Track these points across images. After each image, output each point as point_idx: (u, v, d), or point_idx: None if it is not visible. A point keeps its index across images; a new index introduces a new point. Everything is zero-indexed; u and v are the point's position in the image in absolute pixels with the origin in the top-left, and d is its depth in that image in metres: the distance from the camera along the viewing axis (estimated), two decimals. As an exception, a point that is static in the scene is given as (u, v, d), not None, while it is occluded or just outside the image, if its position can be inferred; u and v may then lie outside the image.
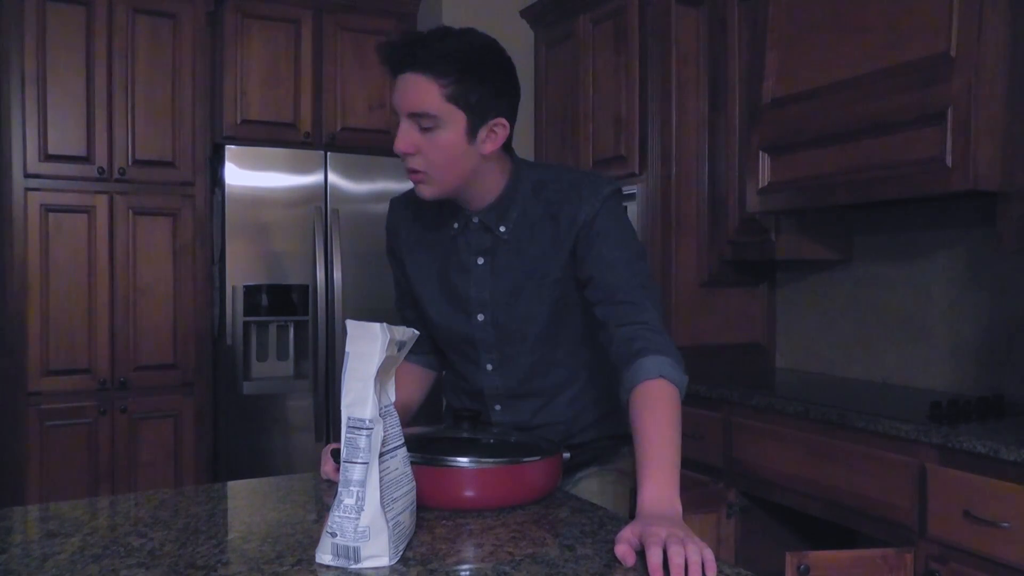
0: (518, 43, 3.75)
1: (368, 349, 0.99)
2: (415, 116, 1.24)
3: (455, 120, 1.24)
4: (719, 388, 2.63)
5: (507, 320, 1.38)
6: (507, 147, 1.35)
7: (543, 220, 1.35)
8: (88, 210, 3.20)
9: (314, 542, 1.04)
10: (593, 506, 1.26)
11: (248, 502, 1.33)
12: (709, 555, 0.96)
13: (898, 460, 2.04)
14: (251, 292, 3.36)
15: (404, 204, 1.49)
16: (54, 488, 3.11)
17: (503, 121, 1.29)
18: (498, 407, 1.46)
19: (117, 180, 3.24)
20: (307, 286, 3.45)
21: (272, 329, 3.45)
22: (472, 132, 1.26)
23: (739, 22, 2.87)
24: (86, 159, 3.20)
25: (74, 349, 3.17)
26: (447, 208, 1.38)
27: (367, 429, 0.98)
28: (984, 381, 2.46)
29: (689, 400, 2.85)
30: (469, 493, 1.20)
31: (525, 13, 3.72)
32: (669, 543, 0.95)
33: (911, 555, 1.95)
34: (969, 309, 2.51)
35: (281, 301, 3.41)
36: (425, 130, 1.24)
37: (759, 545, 2.54)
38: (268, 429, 3.40)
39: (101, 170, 3.21)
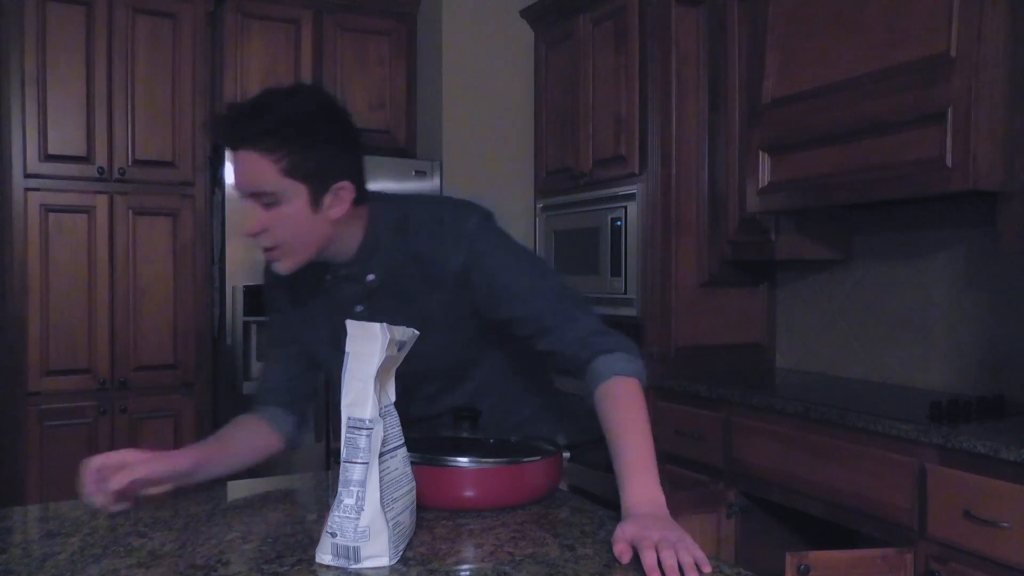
0: (518, 43, 3.76)
1: (368, 349, 0.99)
2: (254, 195, 1.19)
3: (296, 192, 1.19)
4: (719, 388, 2.63)
5: (409, 357, 1.33)
6: (359, 199, 1.28)
7: (410, 263, 1.30)
8: (88, 210, 3.20)
9: (314, 542, 1.04)
10: (593, 506, 1.26)
11: (248, 502, 1.33)
12: (701, 555, 0.97)
13: (898, 460, 2.04)
14: (251, 292, 3.35)
15: (271, 278, 1.43)
16: (54, 488, 3.10)
17: (346, 184, 1.23)
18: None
19: (117, 180, 3.24)
20: (307, 286, 3.44)
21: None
22: (316, 201, 1.21)
23: (739, 22, 2.87)
24: (86, 159, 3.20)
25: (74, 349, 3.17)
26: (313, 266, 1.31)
27: (367, 429, 0.98)
28: (984, 381, 2.46)
29: (689, 400, 2.87)
30: (469, 493, 1.20)
31: (525, 13, 3.72)
32: (661, 548, 0.97)
33: (911, 555, 1.95)
34: (969, 309, 2.51)
35: (281, 301, 3.41)
36: (268, 206, 1.19)
37: (759, 545, 2.54)
38: (268, 429, 3.40)
39: (101, 170, 3.21)
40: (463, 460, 1.21)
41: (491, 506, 1.21)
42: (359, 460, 0.98)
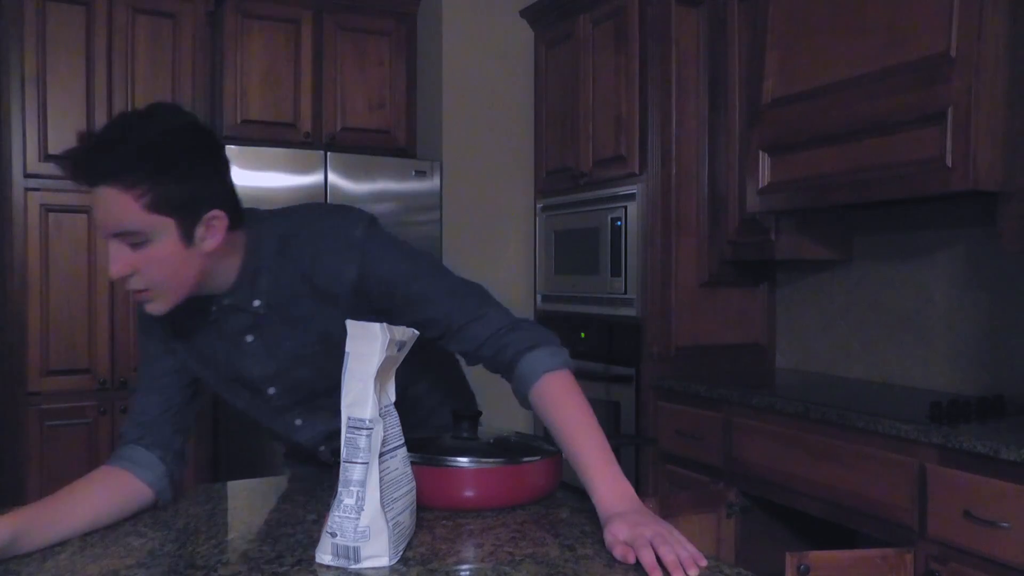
0: (518, 43, 3.76)
1: (368, 349, 0.99)
2: (119, 235, 1.08)
3: (164, 228, 1.09)
4: (719, 388, 2.63)
5: (299, 386, 1.29)
6: (233, 225, 1.17)
7: (299, 282, 1.22)
8: (88, 210, 3.19)
9: (314, 542, 1.04)
10: (593, 506, 1.26)
11: (248, 502, 1.33)
12: (694, 549, 0.99)
13: (898, 460, 2.04)
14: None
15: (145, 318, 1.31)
16: (54, 488, 3.09)
17: (218, 213, 1.13)
18: (298, 422, 1.36)
19: (117, 180, 3.24)
20: (307, 286, 3.44)
21: (272, 329, 3.44)
22: (187, 235, 1.11)
23: (739, 22, 2.88)
24: (86, 159, 3.19)
25: (74, 349, 3.17)
26: (198, 297, 1.21)
27: (367, 429, 0.98)
28: (984, 381, 2.46)
29: (689, 400, 2.87)
30: (469, 493, 1.20)
31: (525, 13, 3.72)
32: (658, 545, 0.97)
33: (911, 555, 1.95)
34: (969, 309, 2.51)
35: (281, 301, 3.41)
36: (135, 246, 1.08)
37: (759, 545, 2.54)
38: (268, 429, 3.39)
39: (101, 170, 3.21)
40: (463, 460, 1.21)
41: (491, 506, 1.21)
42: (359, 460, 0.98)
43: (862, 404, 2.30)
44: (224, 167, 1.16)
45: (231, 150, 3.34)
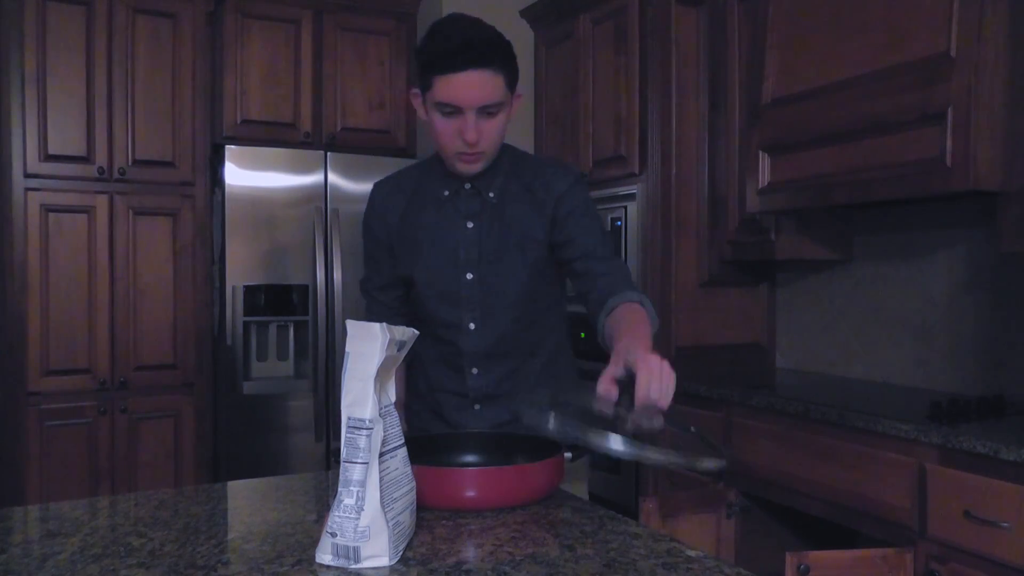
0: (518, 43, 3.74)
1: (368, 349, 0.99)
2: (484, 107, 1.39)
3: (507, 102, 1.44)
4: (719, 388, 2.63)
5: (492, 278, 1.52)
6: None
7: (521, 190, 1.53)
8: (88, 210, 3.20)
9: (314, 542, 1.04)
10: (593, 506, 1.26)
11: (248, 502, 1.33)
12: (670, 396, 1.12)
13: (898, 460, 2.04)
14: (251, 292, 3.35)
15: (387, 186, 1.63)
16: (54, 488, 3.11)
17: (520, 92, 1.48)
18: (475, 370, 1.56)
19: (117, 180, 3.24)
20: (307, 286, 3.45)
21: (272, 329, 3.44)
22: (509, 108, 1.46)
23: (739, 22, 2.88)
24: (86, 159, 3.20)
25: (74, 349, 3.17)
26: (433, 180, 1.55)
27: (367, 429, 0.98)
28: (984, 381, 2.46)
29: (689, 400, 2.86)
30: (469, 493, 1.20)
31: (525, 13, 3.72)
32: (653, 379, 1.10)
33: (911, 555, 1.95)
34: (969, 309, 2.51)
35: (281, 301, 3.41)
36: (491, 116, 1.41)
37: (759, 545, 2.54)
38: (268, 429, 3.40)
39: (101, 170, 3.21)
40: (463, 460, 1.21)
41: (491, 506, 1.21)
42: (359, 460, 0.98)
43: (862, 404, 2.30)
44: None
45: (231, 150, 3.34)
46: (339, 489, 0.98)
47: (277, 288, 3.40)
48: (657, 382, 1.11)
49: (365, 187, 3.50)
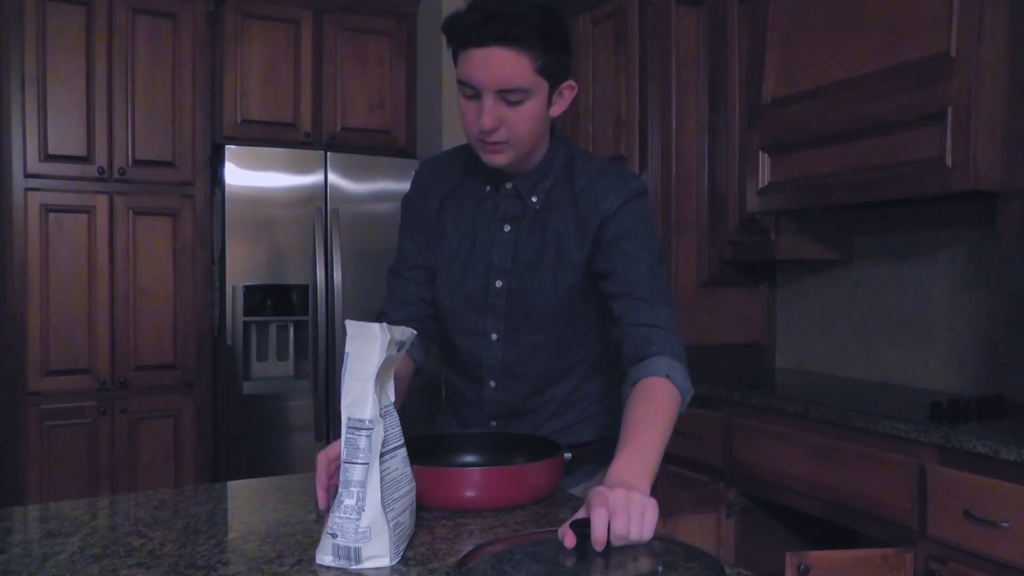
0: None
1: (368, 349, 0.99)
2: (502, 91, 1.21)
3: (541, 89, 1.24)
4: (719, 388, 2.63)
5: (522, 290, 1.37)
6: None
7: (567, 200, 1.35)
8: (88, 210, 3.20)
9: (314, 542, 1.04)
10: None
11: (248, 502, 1.33)
12: (649, 528, 0.97)
13: (898, 460, 2.04)
14: (251, 292, 3.35)
15: (436, 164, 1.47)
16: (54, 488, 3.11)
17: (571, 83, 1.30)
18: (492, 383, 1.43)
19: (117, 180, 3.24)
20: (307, 286, 3.45)
21: (272, 329, 3.44)
22: (550, 98, 1.27)
23: (739, 22, 2.87)
24: (86, 159, 3.20)
25: (74, 349, 3.17)
26: (480, 171, 1.38)
27: (367, 429, 0.98)
28: (984, 381, 2.46)
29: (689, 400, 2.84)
30: (469, 493, 1.20)
31: (525, 13, 3.72)
32: (615, 513, 0.95)
33: (911, 555, 1.95)
34: (969, 309, 2.51)
35: (281, 301, 3.41)
36: (511, 103, 1.22)
37: (759, 545, 2.54)
38: (268, 429, 3.40)
39: (101, 170, 3.21)
40: (464, 461, 1.21)
41: (491, 506, 1.21)
42: (359, 461, 0.98)
43: (862, 404, 2.30)
44: (572, 47, 1.31)
45: (231, 150, 3.34)
46: (339, 490, 0.98)
47: (277, 288, 3.40)
48: (621, 517, 0.95)
49: (365, 187, 3.50)
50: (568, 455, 1.32)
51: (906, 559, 1.95)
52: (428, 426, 1.68)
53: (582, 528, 0.95)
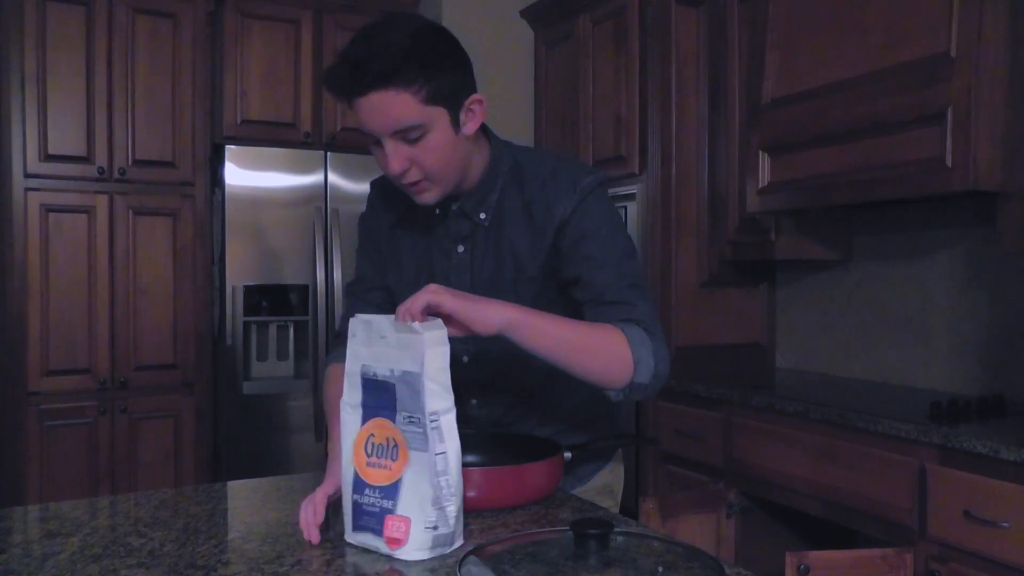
0: (518, 43, 3.76)
1: (438, 350, 1.03)
2: (398, 133, 1.17)
3: (438, 118, 1.18)
4: (719, 388, 2.63)
5: (488, 360, 1.34)
6: (482, 126, 1.30)
7: (519, 209, 1.31)
8: (88, 210, 3.20)
9: (314, 542, 1.05)
10: (594, 506, 1.26)
11: (248, 502, 1.33)
12: (420, 302, 1.05)
13: (898, 460, 2.04)
14: (251, 292, 3.35)
15: (386, 185, 1.42)
16: (54, 488, 3.10)
17: (477, 97, 1.23)
18: (474, 401, 1.42)
19: (117, 180, 3.24)
20: (307, 286, 3.45)
21: (272, 329, 3.44)
22: (455, 121, 1.20)
23: (739, 22, 2.87)
24: (86, 159, 3.20)
25: (74, 349, 3.17)
26: (426, 207, 1.32)
27: (447, 414, 1.03)
28: (984, 381, 2.46)
29: (689, 400, 2.86)
30: (469, 493, 1.19)
31: (525, 13, 3.72)
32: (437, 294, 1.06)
33: (911, 555, 1.95)
34: (969, 309, 2.51)
35: (281, 301, 3.41)
36: (411, 141, 1.17)
37: (759, 545, 2.54)
38: (268, 429, 3.40)
39: (101, 170, 3.21)
40: (464, 461, 1.20)
41: (491, 506, 1.21)
42: (441, 451, 1.02)
43: (862, 404, 2.30)
44: (469, 59, 1.24)
45: (231, 150, 3.34)
46: (428, 483, 1.01)
47: (277, 288, 3.40)
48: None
49: (365, 187, 3.47)
50: (568, 455, 1.32)
51: (906, 559, 1.95)
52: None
53: (582, 528, 0.95)
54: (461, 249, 1.34)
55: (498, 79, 3.73)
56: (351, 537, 1.07)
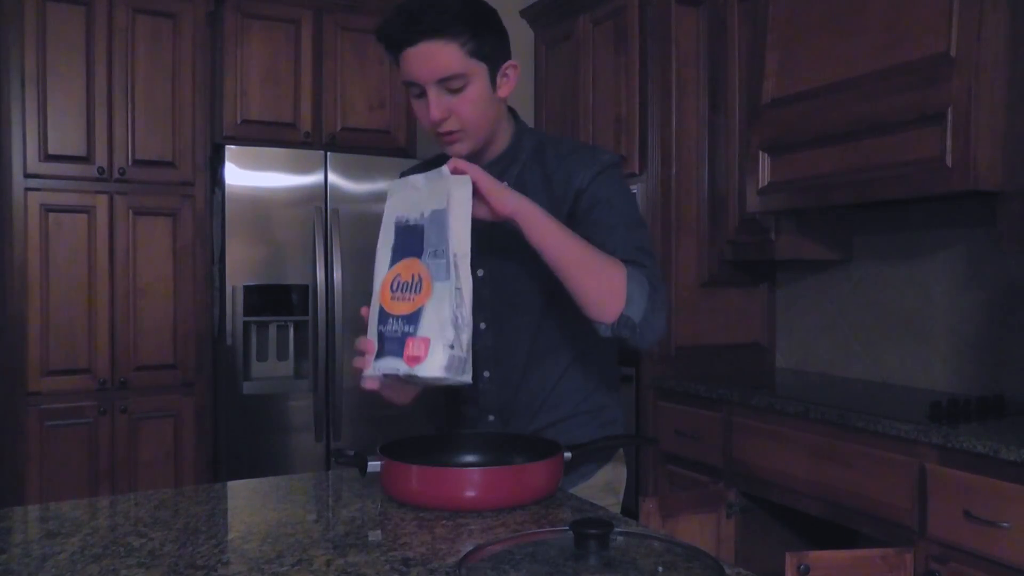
0: (518, 43, 3.75)
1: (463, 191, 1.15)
2: (442, 81, 1.28)
3: (479, 72, 1.30)
4: (719, 388, 2.63)
5: (502, 278, 1.41)
6: (509, 108, 1.42)
7: (540, 181, 1.39)
8: (88, 210, 3.20)
9: (314, 542, 1.04)
10: (594, 506, 1.26)
11: (248, 502, 1.33)
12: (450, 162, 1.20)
13: (898, 460, 2.04)
14: (251, 292, 3.35)
15: (411, 174, 1.48)
16: (54, 488, 3.10)
17: (513, 63, 1.35)
18: (486, 373, 1.44)
19: (117, 180, 3.24)
20: (307, 286, 3.45)
21: (272, 329, 3.44)
22: (492, 80, 1.32)
23: (739, 22, 2.88)
24: (86, 159, 3.19)
25: (74, 349, 3.17)
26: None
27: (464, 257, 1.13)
28: (984, 381, 2.46)
29: (689, 400, 2.86)
30: (469, 493, 1.20)
31: (525, 13, 3.72)
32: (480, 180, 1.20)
33: (911, 555, 1.95)
34: (969, 309, 2.51)
35: (281, 301, 3.41)
36: (453, 91, 1.29)
37: (759, 545, 2.54)
38: (268, 429, 3.40)
39: (101, 170, 3.21)
40: (464, 461, 1.21)
41: (491, 506, 1.21)
42: (458, 286, 1.11)
43: (862, 404, 2.30)
44: (505, 29, 1.38)
45: (231, 150, 3.34)
46: (452, 305, 1.08)
47: (277, 288, 3.40)
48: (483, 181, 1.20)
49: (365, 187, 3.50)
50: (568, 455, 1.32)
51: (906, 559, 1.95)
52: (428, 427, 1.67)
53: (582, 528, 0.95)
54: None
55: (498, 79, 3.73)
56: (374, 370, 1.15)
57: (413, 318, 1.12)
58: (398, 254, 1.19)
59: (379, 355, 1.15)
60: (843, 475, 2.18)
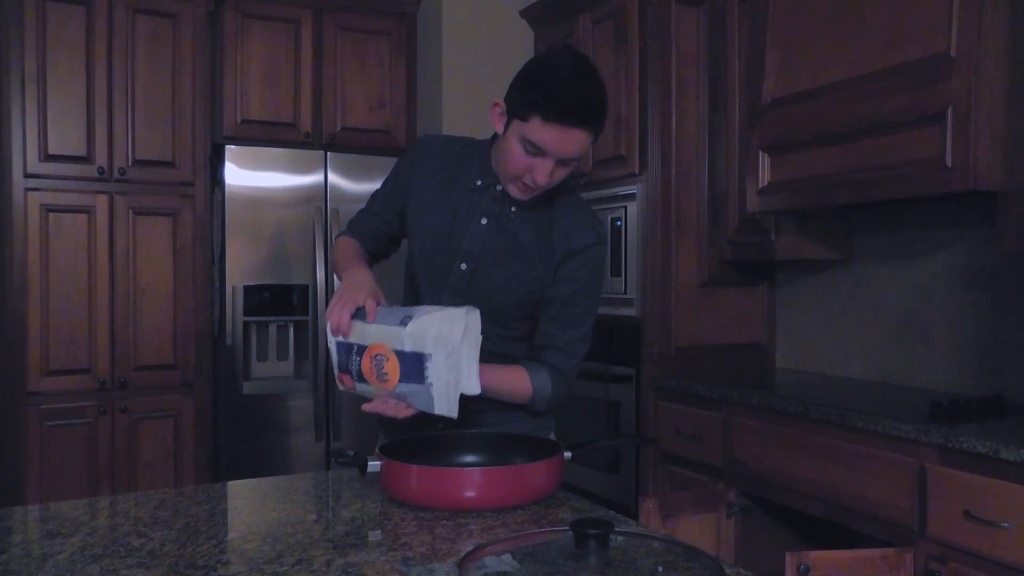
0: (518, 43, 3.76)
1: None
2: (566, 160, 1.40)
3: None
4: (719, 388, 2.63)
5: (485, 276, 1.50)
6: None
7: (542, 222, 1.50)
8: (88, 210, 3.20)
9: (314, 542, 1.04)
10: (593, 506, 1.26)
11: (248, 502, 1.33)
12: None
13: (898, 460, 2.04)
14: (251, 292, 3.35)
15: (433, 143, 1.61)
16: (54, 488, 3.10)
17: None
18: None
19: (117, 180, 3.24)
20: (307, 286, 3.45)
21: (272, 329, 3.44)
22: None
23: (739, 22, 2.87)
24: (86, 159, 3.20)
25: (74, 349, 3.17)
26: (475, 165, 1.53)
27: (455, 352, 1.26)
28: (984, 381, 2.46)
29: (689, 400, 2.86)
30: (469, 493, 1.20)
31: (525, 13, 3.72)
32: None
33: (911, 555, 1.95)
34: (969, 309, 2.51)
35: (281, 301, 3.41)
36: (563, 164, 1.41)
37: (759, 545, 2.54)
38: (268, 429, 3.40)
39: (101, 170, 3.21)
40: (464, 461, 1.21)
41: (491, 506, 1.21)
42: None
43: (862, 404, 2.30)
44: None
45: (231, 150, 3.34)
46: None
47: (277, 288, 3.40)
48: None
49: (365, 187, 3.50)
50: (568, 455, 1.33)
51: (906, 559, 1.95)
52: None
53: (582, 528, 0.95)
54: (484, 221, 1.50)
55: (498, 79, 3.72)
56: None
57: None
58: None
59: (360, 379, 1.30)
60: (843, 475, 2.18)
